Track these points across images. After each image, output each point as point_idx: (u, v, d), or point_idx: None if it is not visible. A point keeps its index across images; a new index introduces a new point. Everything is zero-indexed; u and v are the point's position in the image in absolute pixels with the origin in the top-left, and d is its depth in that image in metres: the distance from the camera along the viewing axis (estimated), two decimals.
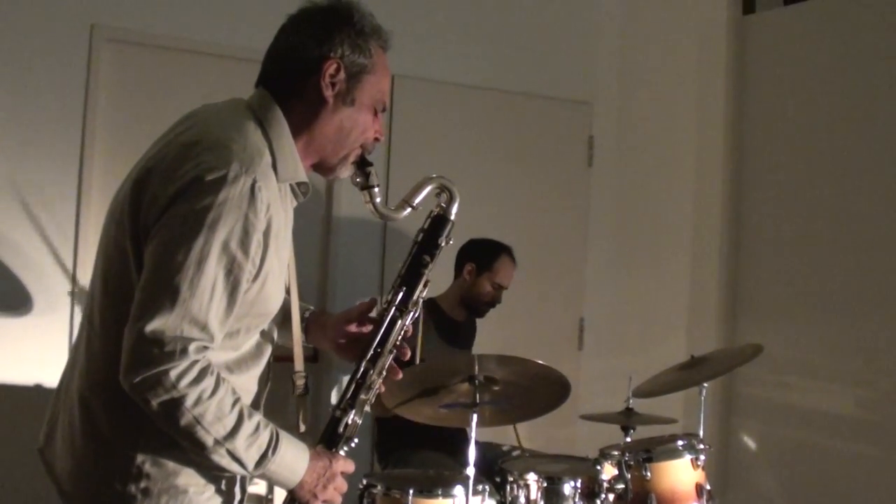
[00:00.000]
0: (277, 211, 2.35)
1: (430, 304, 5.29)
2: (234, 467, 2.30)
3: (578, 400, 5.76)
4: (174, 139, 2.35)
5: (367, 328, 2.76)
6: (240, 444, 2.26)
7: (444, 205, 2.79)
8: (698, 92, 6.87)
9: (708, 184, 6.80)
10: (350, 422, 2.59)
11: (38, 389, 4.98)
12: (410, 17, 5.96)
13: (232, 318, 2.29)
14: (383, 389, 2.70)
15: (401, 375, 2.72)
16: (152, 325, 2.15)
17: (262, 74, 2.53)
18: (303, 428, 2.67)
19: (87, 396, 2.36)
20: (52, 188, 5.08)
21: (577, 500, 4.08)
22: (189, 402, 2.17)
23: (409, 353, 2.74)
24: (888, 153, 5.69)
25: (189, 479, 2.34)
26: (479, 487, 3.92)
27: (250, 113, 2.43)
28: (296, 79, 2.46)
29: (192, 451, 2.28)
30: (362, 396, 2.62)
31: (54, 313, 5.08)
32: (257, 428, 2.29)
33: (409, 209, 2.68)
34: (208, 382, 2.21)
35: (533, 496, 4.10)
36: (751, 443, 6.54)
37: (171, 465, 2.32)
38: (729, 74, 6.72)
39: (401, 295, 2.69)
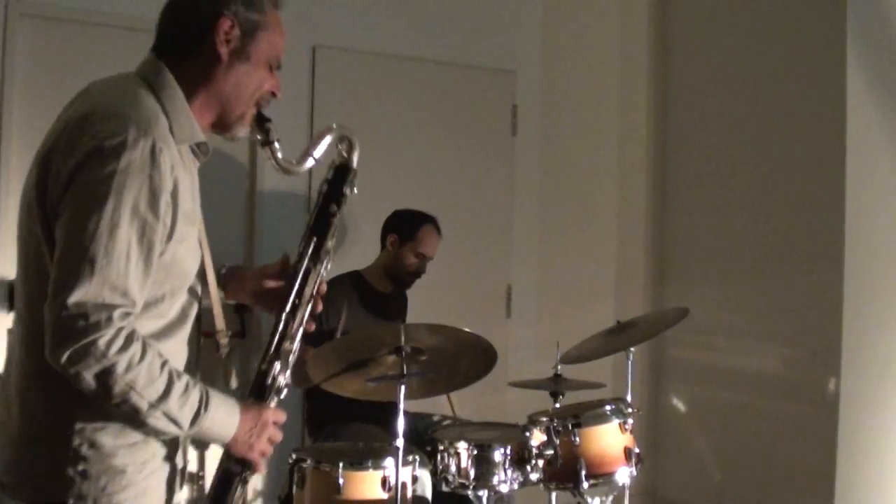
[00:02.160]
0: (181, 172, 2.35)
1: (354, 276, 5.28)
2: (170, 428, 2.33)
3: (507, 367, 5.79)
4: (68, 116, 2.35)
5: (282, 283, 2.79)
6: (173, 404, 2.28)
7: (345, 154, 2.86)
8: (621, 59, 6.91)
9: (632, 150, 6.84)
10: (277, 373, 2.63)
11: None
12: None
13: (151, 283, 2.29)
14: (312, 327, 2.73)
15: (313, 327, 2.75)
16: (74, 298, 2.15)
17: (157, 37, 2.52)
18: (235, 383, 2.69)
19: (24, 387, 2.37)
20: None
21: (507, 466, 4.10)
22: (120, 368, 2.18)
23: (321, 307, 2.77)
24: (808, 117, 5.74)
25: (126, 458, 2.34)
26: (410, 458, 3.96)
27: (140, 80, 2.43)
28: (190, 38, 2.46)
29: (128, 417, 2.29)
30: (286, 345, 2.66)
31: None
32: (187, 387, 2.32)
33: (311, 161, 2.73)
34: (136, 348, 2.21)
35: (464, 464, 4.11)
36: (680, 405, 6.61)
37: (107, 446, 2.32)
38: (651, 40, 6.76)
39: (312, 246, 2.74)
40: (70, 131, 2.27)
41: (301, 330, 2.70)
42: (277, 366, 2.63)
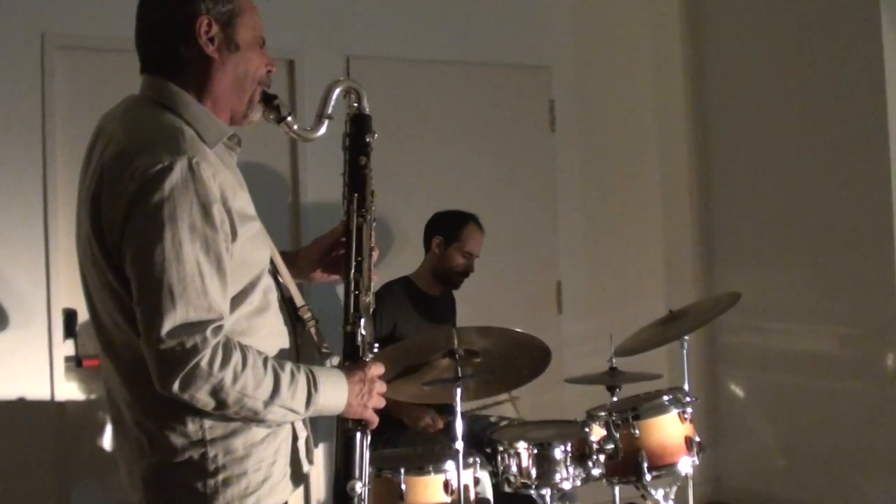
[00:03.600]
0: (224, 175, 2.39)
1: (404, 282, 5.27)
2: (289, 417, 2.46)
3: (562, 364, 5.76)
4: (100, 158, 2.39)
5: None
6: (285, 396, 2.38)
7: (355, 104, 2.88)
8: (655, 46, 6.88)
9: (672, 137, 6.81)
10: (363, 330, 2.69)
11: (20, 403, 4.96)
12: None
13: (231, 284, 2.36)
14: (376, 278, 2.80)
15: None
16: (165, 329, 2.22)
17: (143, 59, 2.54)
18: (328, 349, 2.74)
19: (142, 422, 2.42)
20: (17, 202, 5.03)
21: (568, 463, 4.09)
22: (228, 380, 2.27)
23: (377, 254, 2.86)
24: (850, 96, 5.70)
25: (259, 454, 2.45)
26: (470, 460, 3.95)
27: (150, 103, 2.47)
28: (174, 49, 2.48)
29: (248, 419, 2.40)
30: (364, 300, 2.72)
31: (31, 327, 5.03)
32: (293, 374, 2.41)
33: (326, 122, 2.76)
34: (237, 356, 2.29)
35: (524, 464, 4.11)
36: (738, 391, 6.57)
37: (240, 449, 2.41)
38: (684, 24, 6.72)
39: (356, 201, 2.79)
40: (109, 174, 2.32)
41: (371, 283, 2.76)
42: (362, 322, 2.69)
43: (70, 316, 5.04)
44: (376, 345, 2.74)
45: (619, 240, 6.80)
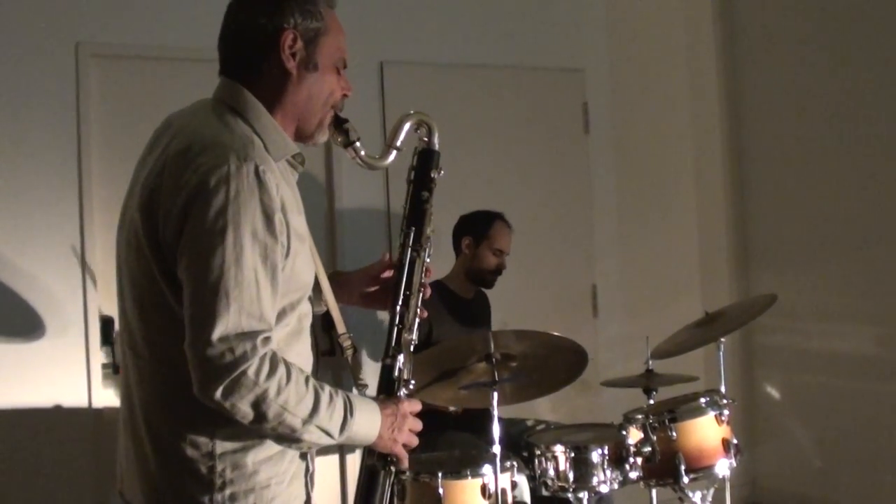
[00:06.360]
0: (284, 189, 2.36)
1: (437, 285, 5.27)
2: (323, 440, 2.38)
3: (598, 367, 5.76)
4: (163, 153, 2.36)
5: (388, 274, 2.87)
6: (323, 416, 2.34)
7: (425, 138, 2.90)
8: (688, 47, 6.85)
9: (707, 138, 6.78)
10: (402, 365, 2.66)
11: (57, 411, 5.00)
12: (392, 1, 5.97)
13: (278, 299, 2.32)
14: (425, 315, 2.76)
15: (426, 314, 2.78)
16: (216, 333, 2.19)
17: (222, 61, 2.53)
18: (364, 381, 2.71)
19: (153, 424, 2.39)
20: (53, 209, 5.07)
21: (605, 466, 4.09)
22: (272, 393, 2.23)
23: (430, 292, 2.81)
24: (891, 88, 5.65)
25: (268, 472, 2.39)
26: (507, 464, 3.94)
27: (222, 106, 2.44)
28: (255, 57, 2.46)
29: (284, 437, 2.35)
30: (406, 336, 2.69)
31: (68, 335, 5.07)
32: (331, 397, 2.37)
33: (394, 152, 2.74)
34: (281, 370, 2.26)
35: (562, 467, 4.11)
36: (775, 393, 6.54)
37: (249, 464, 2.36)
38: (718, 24, 6.68)
39: (412, 235, 2.79)
40: (171, 169, 2.29)
41: (417, 319, 2.72)
42: (401, 358, 2.66)
43: (107, 323, 5.07)
44: (412, 382, 2.68)
45: (655, 242, 6.78)
